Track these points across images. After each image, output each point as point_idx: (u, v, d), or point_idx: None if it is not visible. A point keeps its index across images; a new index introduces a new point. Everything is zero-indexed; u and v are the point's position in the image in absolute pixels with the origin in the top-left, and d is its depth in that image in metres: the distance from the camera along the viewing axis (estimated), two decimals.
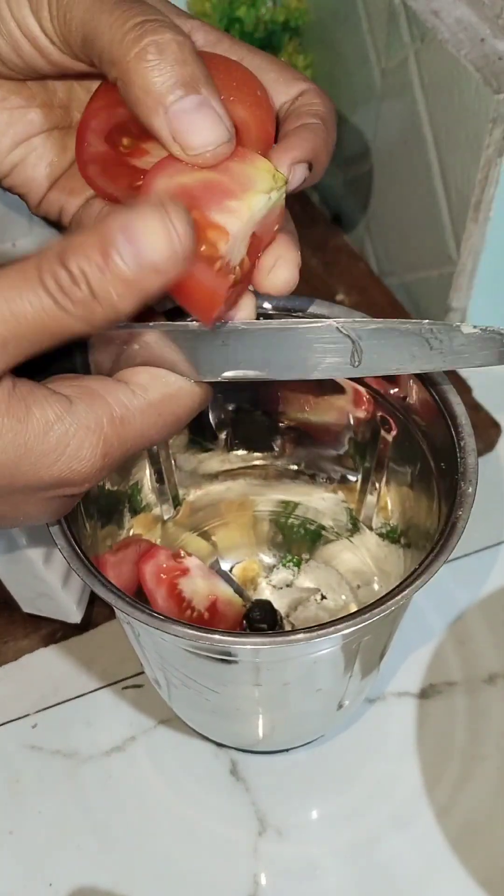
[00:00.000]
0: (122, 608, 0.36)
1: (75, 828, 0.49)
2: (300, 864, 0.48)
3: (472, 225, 0.58)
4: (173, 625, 0.35)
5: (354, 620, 0.35)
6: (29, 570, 0.48)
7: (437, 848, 0.48)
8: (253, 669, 0.40)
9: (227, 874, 0.48)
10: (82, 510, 0.42)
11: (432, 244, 0.63)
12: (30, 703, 0.53)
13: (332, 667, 0.42)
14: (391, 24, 0.59)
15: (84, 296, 0.27)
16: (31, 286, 0.27)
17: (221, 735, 0.51)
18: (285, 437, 0.51)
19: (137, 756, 0.51)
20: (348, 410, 0.47)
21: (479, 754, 0.51)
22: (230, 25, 0.68)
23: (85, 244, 0.27)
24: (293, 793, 0.50)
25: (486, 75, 0.52)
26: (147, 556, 0.51)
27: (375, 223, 0.71)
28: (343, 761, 0.51)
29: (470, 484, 0.39)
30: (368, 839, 0.49)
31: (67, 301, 0.27)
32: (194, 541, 0.54)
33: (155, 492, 0.51)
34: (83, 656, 0.55)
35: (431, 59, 0.56)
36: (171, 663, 0.42)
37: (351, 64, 0.67)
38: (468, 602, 0.56)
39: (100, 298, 0.27)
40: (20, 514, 0.32)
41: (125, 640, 0.48)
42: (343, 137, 0.72)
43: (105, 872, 0.48)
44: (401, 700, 0.53)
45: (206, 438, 0.51)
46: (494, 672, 0.54)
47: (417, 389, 0.42)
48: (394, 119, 0.63)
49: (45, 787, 0.51)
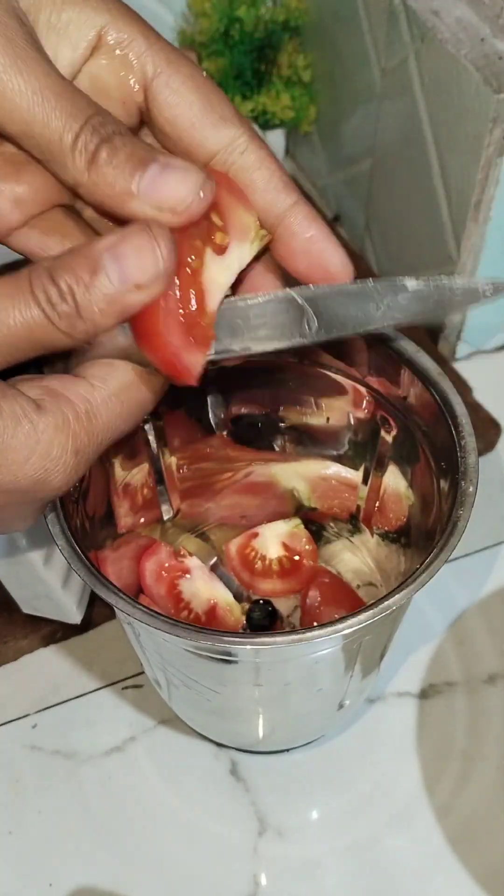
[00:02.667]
0: (122, 608, 0.35)
1: (75, 828, 0.49)
2: (300, 864, 0.48)
3: (472, 225, 0.58)
4: (174, 625, 0.35)
5: (355, 620, 0.35)
6: (29, 572, 0.48)
7: (436, 848, 0.48)
8: (253, 670, 0.40)
9: (227, 874, 0.48)
10: (83, 510, 0.42)
11: (432, 244, 0.63)
12: (30, 703, 0.53)
13: (333, 667, 0.42)
14: (391, 24, 0.59)
15: (70, 310, 0.29)
16: (23, 297, 0.29)
17: (222, 735, 0.51)
18: (285, 437, 0.51)
19: (137, 756, 0.51)
20: (348, 410, 0.47)
21: (479, 754, 0.51)
22: (230, 25, 0.68)
23: (74, 262, 0.29)
24: (293, 793, 0.50)
25: (486, 75, 0.52)
26: (148, 552, 0.51)
27: (375, 223, 0.71)
28: (343, 761, 0.51)
29: (471, 483, 0.39)
30: (368, 839, 0.49)
31: (54, 314, 0.29)
32: (193, 542, 0.54)
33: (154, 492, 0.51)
34: (83, 656, 0.55)
35: (431, 58, 0.56)
36: (172, 663, 0.42)
37: (351, 64, 0.67)
38: (468, 602, 0.56)
39: (83, 313, 0.29)
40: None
41: (125, 640, 0.48)
42: (343, 137, 0.72)
43: (105, 872, 0.48)
44: (401, 700, 0.53)
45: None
46: (494, 672, 0.54)
47: (417, 389, 0.42)
48: (394, 119, 0.63)
49: (45, 787, 0.51)
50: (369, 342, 0.43)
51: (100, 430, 0.31)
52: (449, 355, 0.67)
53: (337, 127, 0.72)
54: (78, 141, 0.29)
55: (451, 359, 0.68)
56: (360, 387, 0.46)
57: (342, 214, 0.75)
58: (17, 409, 0.30)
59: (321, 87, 0.73)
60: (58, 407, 0.30)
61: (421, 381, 0.42)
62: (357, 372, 0.45)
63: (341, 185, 0.74)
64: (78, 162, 0.29)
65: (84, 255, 0.29)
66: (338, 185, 0.75)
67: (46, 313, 0.29)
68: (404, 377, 0.43)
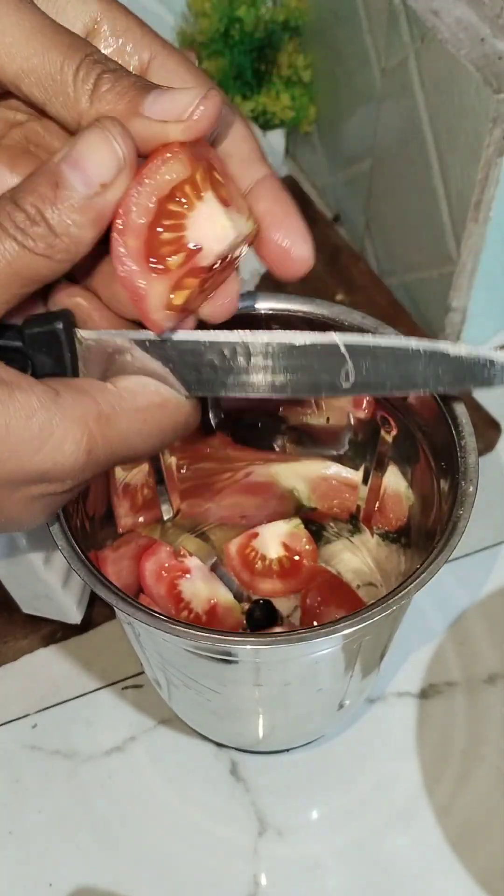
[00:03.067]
0: (122, 608, 0.35)
1: (75, 828, 0.49)
2: (300, 864, 0.48)
3: (472, 225, 0.58)
4: (174, 625, 0.35)
5: (355, 620, 0.35)
6: (29, 572, 0.48)
7: (437, 847, 0.48)
8: (253, 669, 0.40)
9: (227, 874, 0.48)
10: (83, 510, 0.42)
11: (432, 244, 0.63)
12: (30, 703, 0.53)
13: (333, 667, 0.42)
14: (391, 24, 0.59)
15: (43, 231, 0.28)
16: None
17: (222, 735, 0.51)
18: (285, 437, 0.51)
19: (137, 756, 0.51)
20: (348, 410, 0.47)
21: (479, 754, 0.51)
22: (230, 25, 0.68)
23: (34, 182, 0.28)
24: (293, 793, 0.50)
25: (486, 75, 0.52)
26: (148, 552, 0.51)
27: (375, 223, 0.71)
28: (343, 761, 0.51)
29: (471, 483, 0.39)
30: (368, 839, 0.49)
31: (28, 240, 0.28)
32: (193, 542, 0.54)
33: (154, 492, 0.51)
34: (83, 656, 0.55)
35: (431, 59, 0.56)
36: (172, 663, 0.42)
37: (351, 64, 0.67)
38: (468, 602, 0.56)
39: (58, 230, 0.28)
40: (2, 517, 0.32)
41: (125, 640, 0.48)
42: (343, 137, 0.72)
43: (105, 872, 0.48)
44: (401, 700, 0.53)
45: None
46: (494, 672, 0.54)
47: None
48: (394, 119, 0.63)
49: (45, 787, 0.51)
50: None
51: (116, 439, 0.31)
52: None
53: (337, 127, 0.72)
54: (79, 71, 0.29)
55: None
56: None
57: (342, 214, 0.75)
58: (34, 401, 0.29)
59: (321, 87, 0.73)
60: (79, 402, 0.30)
61: None
62: None
63: (341, 185, 0.74)
64: (80, 91, 0.29)
65: (41, 172, 0.28)
66: (338, 185, 0.75)
67: (20, 241, 0.28)
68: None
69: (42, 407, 0.29)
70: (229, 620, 0.51)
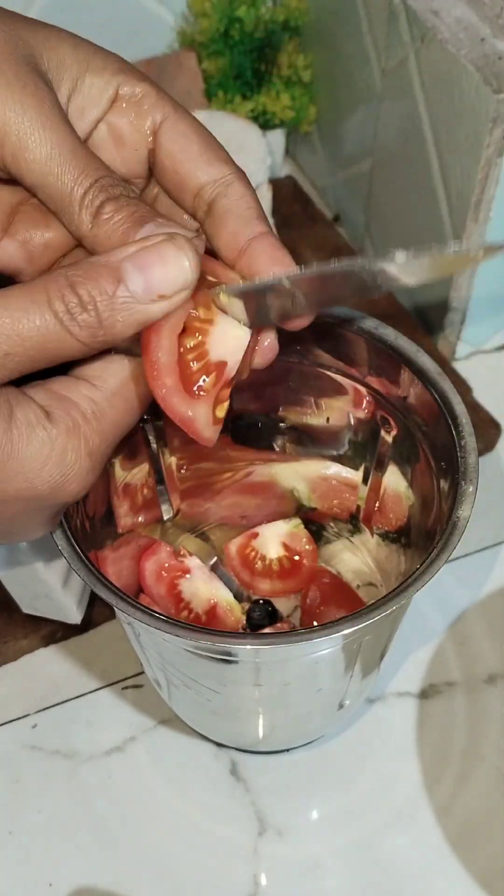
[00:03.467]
0: (122, 608, 0.35)
1: (75, 828, 0.49)
2: (300, 864, 0.48)
3: (472, 225, 0.58)
4: (174, 625, 0.35)
5: (355, 620, 0.35)
6: (29, 572, 0.48)
7: (437, 847, 0.48)
8: (253, 670, 0.40)
9: (227, 874, 0.48)
10: (83, 510, 0.42)
11: (432, 244, 0.63)
12: (30, 703, 0.53)
13: (333, 667, 0.42)
14: (391, 24, 0.59)
15: (92, 320, 0.29)
16: (38, 308, 0.29)
17: (222, 735, 0.51)
18: (285, 437, 0.51)
19: (137, 756, 0.51)
20: (348, 410, 0.47)
21: (479, 754, 0.51)
22: (230, 25, 0.69)
23: (94, 271, 0.29)
24: (293, 793, 0.50)
25: (486, 75, 0.53)
26: (148, 552, 0.51)
27: (375, 223, 0.71)
28: (343, 761, 0.51)
29: (471, 483, 0.39)
30: (369, 839, 0.49)
31: (74, 324, 0.29)
32: (193, 542, 0.54)
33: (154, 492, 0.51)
34: (83, 656, 0.55)
35: (431, 58, 0.56)
36: (172, 663, 0.42)
37: (351, 64, 0.67)
38: (468, 602, 0.56)
39: (105, 323, 0.29)
40: (14, 528, 0.33)
41: (125, 640, 0.48)
42: (343, 137, 0.72)
43: (105, 872, 0.48)
44: (401, 700, 0.53)
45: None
46: (494, 672, 0.54)
47: (417, 389, 0.42)
48: (394, 119, 0.63)
49: (45, 787, 0.51)
50: (369, 342, 0.43)
51: (108, 428, 0.32)
52: (449, 355, 0.67)
53: (337, 127, 0.72)
54: (86, 196, 0.31)
55: (451, 359, 0.68)
56: (360, 387, 0.46)
57: (342, 214, 0.75)
58: (31, 417, 0.30)
59: (321, 87, 0.73)
60: (66, 411, 0.31)
61: (421, 381, 0.42)
62: (357, 372, 0.45)
63: (341, 185, 0.74)
64: (84, 215, 0.31)
65: (104, 264, 0.29)
66: (338, 185, 0.75)
67: (64, 323, 0.29)
68: (404, 377, 0.43)
69: (38, 422, 0.30)
70: (229, 620, 0.51)
